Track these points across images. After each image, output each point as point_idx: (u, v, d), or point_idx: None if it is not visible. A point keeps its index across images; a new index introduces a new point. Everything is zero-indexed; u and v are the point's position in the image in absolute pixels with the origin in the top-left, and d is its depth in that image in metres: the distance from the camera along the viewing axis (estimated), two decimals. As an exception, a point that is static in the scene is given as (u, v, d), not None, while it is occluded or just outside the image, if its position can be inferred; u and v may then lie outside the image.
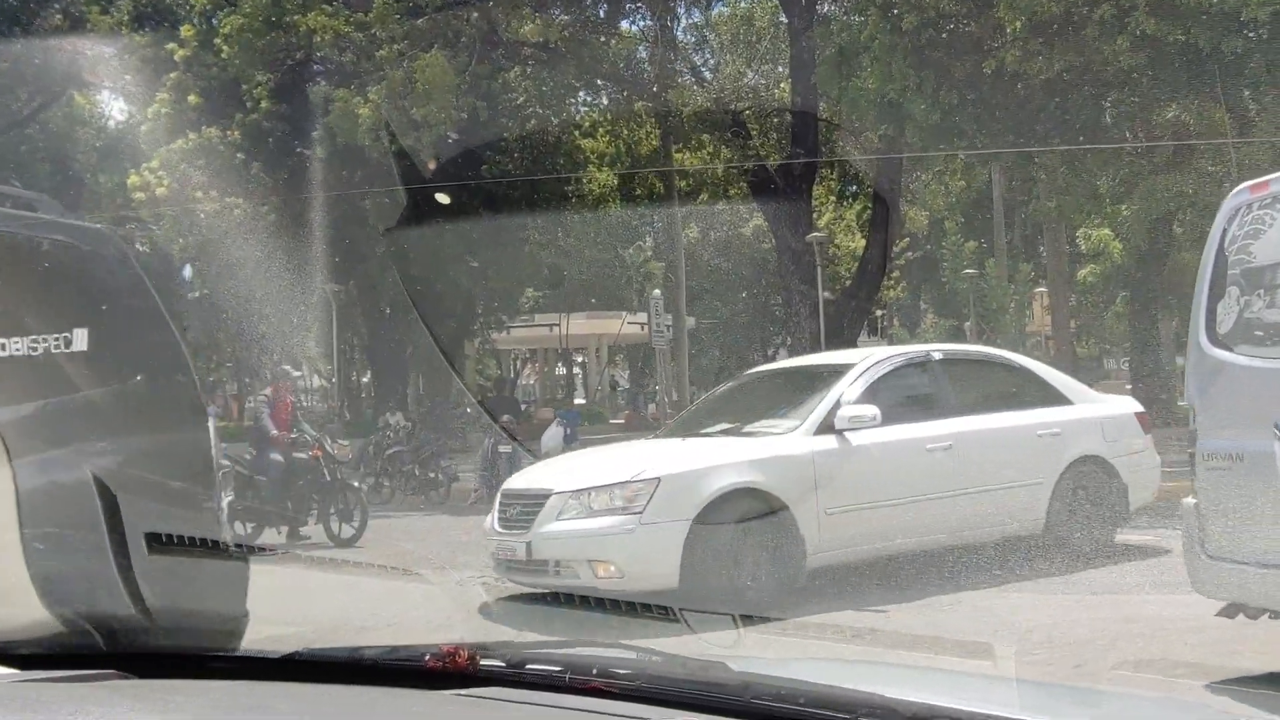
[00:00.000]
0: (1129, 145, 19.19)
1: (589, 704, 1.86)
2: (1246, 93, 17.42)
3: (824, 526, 7.49)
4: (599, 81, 23.21)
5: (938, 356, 9.11)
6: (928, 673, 2.84)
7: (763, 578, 7.33)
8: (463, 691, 1.99)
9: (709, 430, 8.62)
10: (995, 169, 23.65)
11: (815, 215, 41.19)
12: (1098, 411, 9.24)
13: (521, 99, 21.96)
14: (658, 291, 36.85)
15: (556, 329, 40.67)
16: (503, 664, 2.06)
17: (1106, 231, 27.75)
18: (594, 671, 1.97)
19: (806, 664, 2.55)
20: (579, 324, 40.17)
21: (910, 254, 44.90)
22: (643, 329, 39.77)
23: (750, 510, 7.34)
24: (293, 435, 12.20)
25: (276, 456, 11.88)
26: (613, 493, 7.42)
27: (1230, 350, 5.02)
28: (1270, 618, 4.99)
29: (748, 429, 8.39)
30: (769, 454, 7.75)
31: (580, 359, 51.53)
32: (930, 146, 16.07)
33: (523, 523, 7.62)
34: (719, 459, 7.69)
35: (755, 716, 1.76)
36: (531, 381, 54.58)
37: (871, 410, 7.86)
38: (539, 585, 7.50)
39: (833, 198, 40.46)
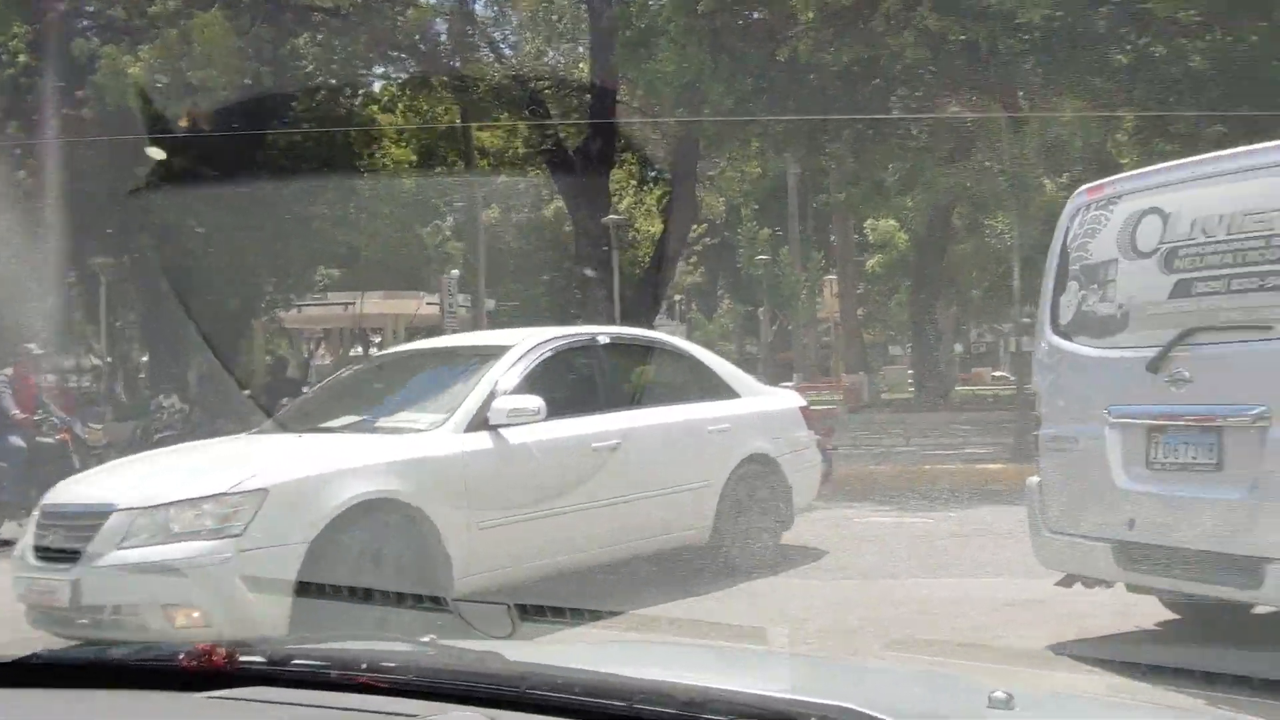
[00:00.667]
0: (912, 139, 19.88)
1: (356, 701, 1.78)
2: (1020, 92, 18.33)
3: (476, 543, 6.20)
4: (393, 53, 22.40)
5: (604, 341, 7.90)
6: (703, 656, 2.83)
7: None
8: (220, 693, 1.85)
9: (331, 425, 7.06)
10: (790, 158, 24.19)
11: (616, 199, 41.41)
12: (765, 405, 8.39)
13: (311, 67, 20.97)
14: (456, 272, 36.31)
15: (352, 308, 39.47)
16: (263, 661, 1.94)
17: (892, 222, 28.87)
18: (362, 666, 1.88)
19: (584, 652, 2.55)
20: (375, 304, 39.08)
21: (708, 239, 45.71)
22: (438, 310, 39.14)
23: (385, 527, 5.94)
24: (36, 417, 11.30)
25: (17, 440, 10.95)
26: (201, 508, 5.61)
27: (1070, 340, 5.38)
28: (1106, 588, 5.36)
29: (382, 424, 6.94)
30: (409, 455, 6.28)
31: (378, 340, 50.28)
32: (725, 132, 16.17)
33: (69, 553, 5.61)
34: (345, 462, 6.12)
35: (532, 707, 1.71)
36: (327, 362, 52.91)
37: (535, 402, 6.59)
38: (91, 637, 5.47)
39: (633, 182, 40.74)
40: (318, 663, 1.93)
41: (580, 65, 24.29)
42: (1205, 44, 18.09)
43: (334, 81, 22.22)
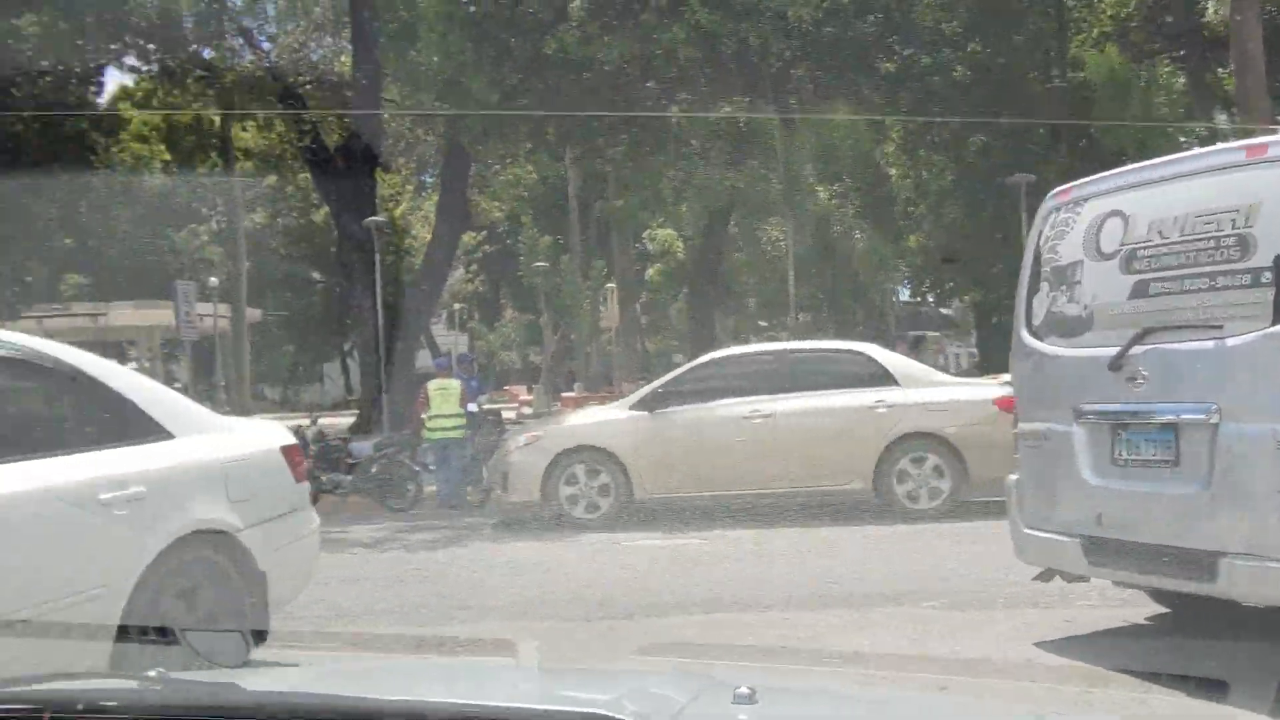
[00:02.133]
0: (688, 145, 19.52)
1: None
2: (792, 99, 18.21)
3: None
4: (129, 38, 20.40)
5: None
6: (453, 672, 2.83)
7: None
8: None
9: None
10: (565, 163, 23.46)
11: (392, 204, 39.86)
12: (218, 452, 5.02)
13: (30, 51, 18.83)
14: (213, 280, 33.94)
15: (102, 319, 36.38)
16: None
17: (670, 231, 28.60)
18: (79, 707, 1.82)
19: (327, 676, 2.44)
20: (125, 314, 36.07)
21: (488, 247, 44.64)
22: (202, 321, 36.55)
23: None
24: None
25: None
26: None
27: (1041, 340, 5.57)
28: (1084, 582, 5.60)
29: None
30: None
31: (133, 353, 46.78)
32: (491, 129, 15.24)
33: None
34: None
35: None
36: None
37: None
38: None
39: (409, 186, 39.27)
40: (28, 706, 1.84)
41: (342, 58, 22.86)
42: (966, 55, 18.46)
43: (61, 66, 20.07)
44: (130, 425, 4.79)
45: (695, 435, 10.51)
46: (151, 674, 1.96)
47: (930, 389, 10.62)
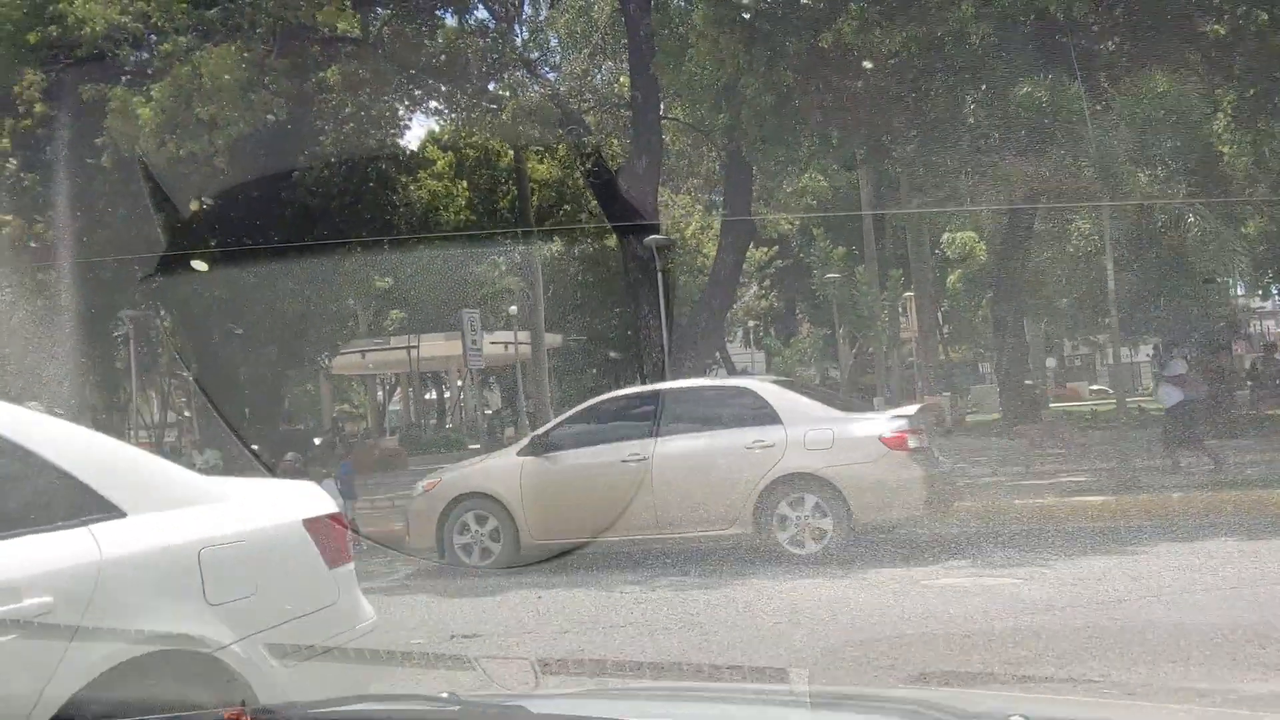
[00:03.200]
0: (984, 137, 17.99)
1: None
2: (1103, 73, 16.35)
3: None
4: (429, 80, 21.18)
5: None
6: (730, 697, 2.72)
7: None
8: None
9: None
10: (857, 165, 22.28)
11: (684, 224, 39.92)
12: (191, 532, 3.56)
13: (335, 100, 19.86)
14: (513, 309, 35.01)
15: (415, 351, 38.54)
16: None
17: (970, 233, 26.80)
18: None
19: (608, 701, 2.46)
20: (436, 344, 38.00)
21: (781, 261, 43.85)
22: (506, 349, 37.90)
23: None
24: None
25: None
26: None
27: None
28: None
29: None
30: None
31: (459, 383, 49.47)
32: (770, 134, 14.48)
33: None
34: None
35: None
36: (398, 407, 52.25)
37: None
38: None
39: (699, 205, 39.19)
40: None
41: (622, 79, 22.86)
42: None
43: (363, 114, 21.08)
44: (57, 503, 3.27)
45: (576, 480, 10.35)
46: (444, 694, 2.09)
47: (814, 427, 9.83)
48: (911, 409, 10.74)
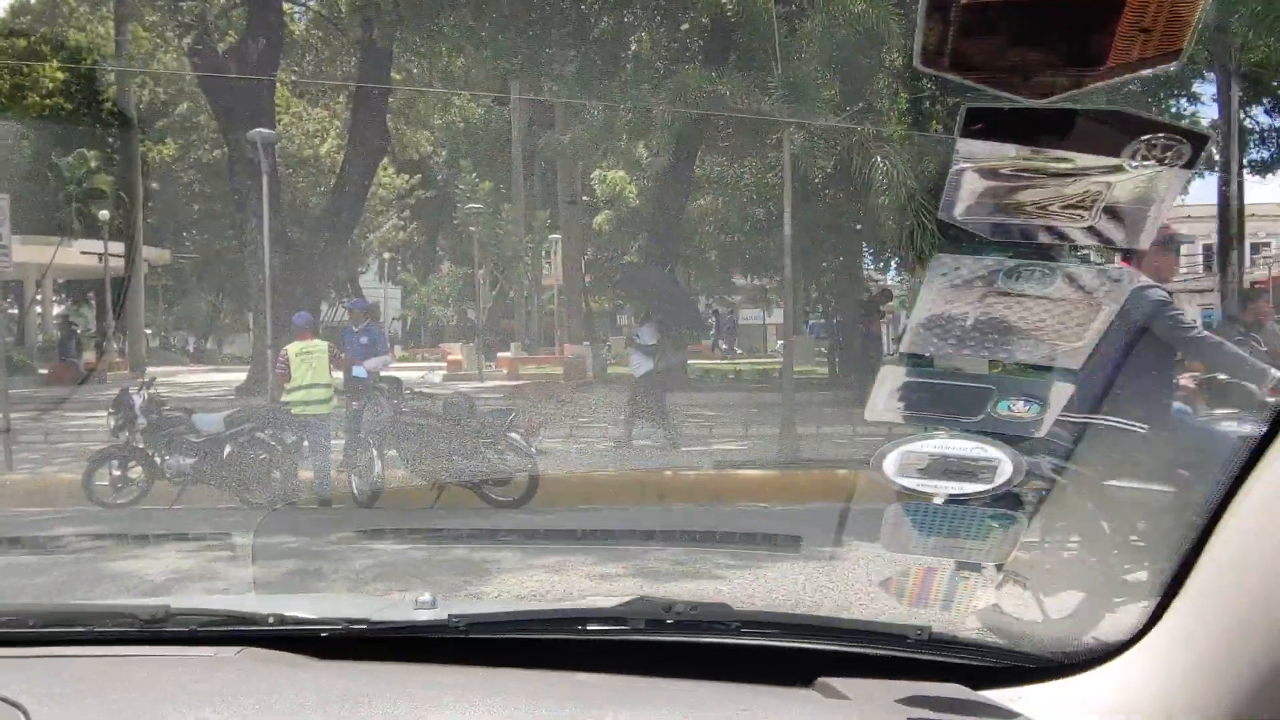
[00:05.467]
0: (652, 66, 16.30)
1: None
2: None
3: None
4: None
5: None
6: None
7: None
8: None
9: None
10: (514, 77, 19.84)
11: (318, 139, 36.08)
12: None
13: None
14: (103, 214, 30.04)
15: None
16: None
17: (621, 173, 25.26)
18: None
19: None
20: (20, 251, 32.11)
21: (423, 191, 40.91)
22: (99, 260, 32.73)
23: None
24: None
25: None
26: None
27: None
28: None
29: None
30: None
31: (36, 294, 42.71)
32: (408, 14, 11.88)
33: None
34: None
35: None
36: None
37: None
38: None
39: (337, 123, 35.54)
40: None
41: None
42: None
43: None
44: None
45: None
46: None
47: None
48: None
